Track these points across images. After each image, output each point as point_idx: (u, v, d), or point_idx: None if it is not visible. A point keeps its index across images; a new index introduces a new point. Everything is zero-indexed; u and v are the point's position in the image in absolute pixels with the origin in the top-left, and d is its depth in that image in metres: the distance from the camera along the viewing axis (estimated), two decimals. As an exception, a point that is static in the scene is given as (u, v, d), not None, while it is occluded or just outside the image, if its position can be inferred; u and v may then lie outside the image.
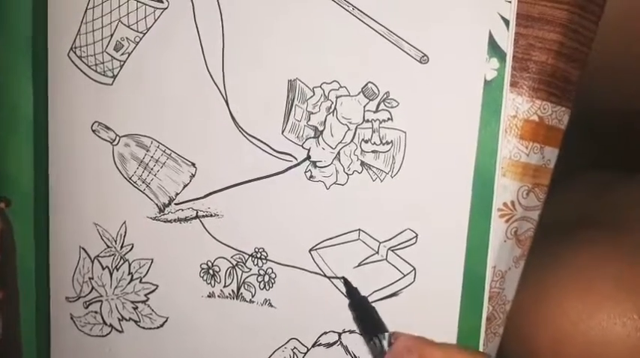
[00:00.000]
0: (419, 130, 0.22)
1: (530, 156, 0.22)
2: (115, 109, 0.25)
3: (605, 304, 0.24)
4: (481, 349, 0.22)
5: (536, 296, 0.26)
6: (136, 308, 0.26)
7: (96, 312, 0.26)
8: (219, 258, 0.24)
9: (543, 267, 0.26)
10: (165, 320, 0.25)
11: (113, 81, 0.24)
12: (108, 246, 0.26)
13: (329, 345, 0.24)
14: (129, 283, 0.26)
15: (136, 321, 0.26)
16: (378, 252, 0.23)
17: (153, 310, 0.25)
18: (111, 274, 0.26)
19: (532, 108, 0.21)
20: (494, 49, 0.21)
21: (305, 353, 0.24)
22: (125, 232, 0.25)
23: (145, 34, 0.24)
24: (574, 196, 0.31)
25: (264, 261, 0.24)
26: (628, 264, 0.24)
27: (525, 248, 0.23)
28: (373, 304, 0.23)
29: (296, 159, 0.23)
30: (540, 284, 0.26)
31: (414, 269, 0.22)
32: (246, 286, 0.24)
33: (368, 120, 0.22)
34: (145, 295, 0.25)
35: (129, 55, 0.24)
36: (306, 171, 0.23)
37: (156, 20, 0.24)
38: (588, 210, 0.29)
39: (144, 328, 0.26)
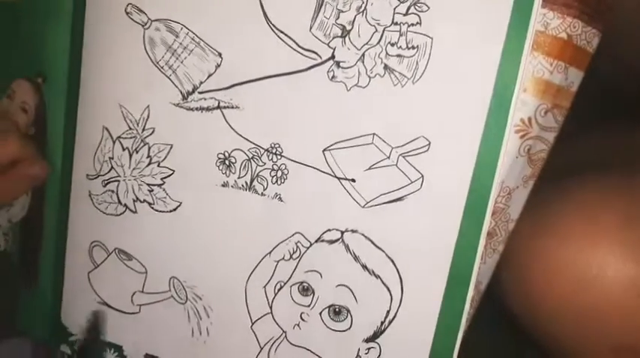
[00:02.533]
0: (446, 37, 0.23)
1: (554, 74, 0.23)
2: (150, -8, 0.26)
3: (605, 234, 0.25)
4: (478, 263, 0.24)
5: (537, 225, 0.26)
6: (151, 191, 0.28)
7: (112, 191, 0.29)
8: (236, 149, 0.26)
9: (548, 200, 0.27)
10: (179, 205, 0.28)
11: (150, -37, 0.26)
12: (130, 128, 0.28)
13: (331, 242, 0.26)
14: (147, 166, 0.28)
15: (150, 203, 0.28)
16: (389, 157, 0.24)
17: (167, 194, 0.28)
18: (130, 155, 0.28)
19: (562, 24, 0.22)
20: (530, -41, 0.21)
21: (308, 248, 0.26)
22: (148, 116, 0.27)
23: None
24: (588, 142, 0.32)
25: (278, 157, 0.26)
26: (628, 202, 0.25)
27: (536, 169, 0.24)
28: (378, 207, 0.25)
29: (320, 57, 0.25)
30: (543, 215, 0.26)
31: (422, 176, 0.24)
32: (259, 179, 0.26)
33: (396, 23, 0.24)
34: (162, 179, 0.28)
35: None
36: (329, 71, 0.25)
37: None
38: (601, 153, 0.30)
39: (157, 211, 0.28)
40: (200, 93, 0.27)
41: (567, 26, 0.22)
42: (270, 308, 0.27)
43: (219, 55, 0.26)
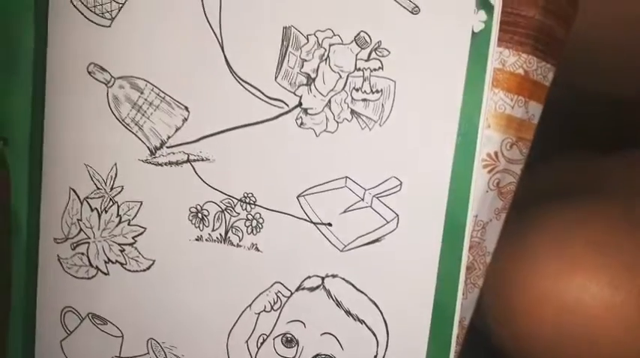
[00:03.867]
0: (408, 80, 0.25)
1: (515, 109, 0.24)
2: (112, 51, 0.27)
3: (579, 263, 0.26)
4: (460, 298, 0.25)
5: (513, 258, 0.28)
6: (122, 251, 0.28)
7: (83, 254, 0.29)
8: (209, 202, 0.27)
9: (520, 232, 0.28)
10: (152, 263, 0.28)
11: (111, 23, 0.27)
12: (98, 188, 0.28)
13: (312, 289, 0.26)
14: (117, 225, 0.28)
15: (122, 264, 0.28)
16: (363, 199, 0.26)
17: (140, 253, 0.28)
18: (99, 216, 0.28)
19: (518, 61, 0.24)
20: (482, 1, 0.23)
21: (288, 297, 0.27)
22: (116, 174, 0.28)
23: (144, -23, 0.26)
24: (552, 172, 0.34)
25: (252, 206, 0.27)
26: (601, 227, 0.27)
27: (507, 201, 0.25)
28: (356, 250, 0.26)
29: (288, 105, 0.26)
30: (517, 248, 0.28)
31: (397, 216, 0.25)
32: (234, 230, 0.27)
33: (359, 69, 0.25)
34: (133, 237, 0.28)
35: (128, -2, 0.27)
36: (297, 118, 0.26)
37: (156, -36, 0.26)
38: (565, 182, 0.32)
39: (130, 271, 0.28)
40: (168, 147, 0.27)
41: (523, 62, 0.24)
42: (254, 362, 0.28)
43: (186, 108, 0.27)
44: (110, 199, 0.28)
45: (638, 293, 0.25)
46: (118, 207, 0.28)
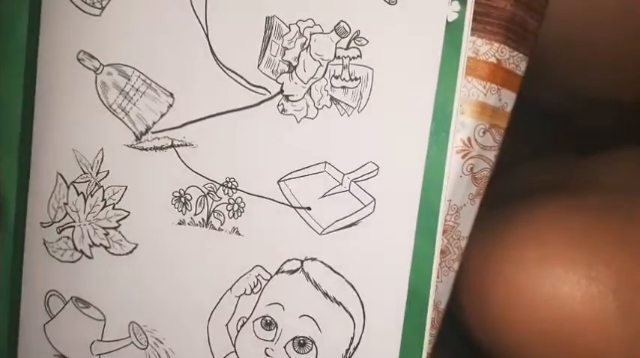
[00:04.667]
0: (385, 68, 0.26)
1: (488, 96, 0.26)
2: (101, 39, 0.29)
3: (556, 256, 0.27)
4: (434, 280, 0.26)
5: (490, 253, 0.29)
6: (107, 235, 0.29)
7: (68, 238, 0.30)
8: (192, 186, 0.28)
9: (499, 227, 0.30)
10: (135, 247, 0.29)
11: (101, 12, 0.29)
12: (84, 172, 0.29)
13: (291, 272, 0.28)
14: (102, 209, 0.29)
15: (106, 247, 0.30)
16: (341, 184, 0.27)
17: (123, 236, 0.29)
18: (85, 200, 0.30)
19: (490, 50, 0.25)
20: (456, -8, 0.25)
21: (268, 280, 0.28)
22: (102, 159, 0.29)
23: (133, -32, 0.28)
24: (531, 170, 0.35)
25: (234, 191, 0.28)
26: (578, 222, 0.28)
27: (481, 187, 0.27)
28: (334, 233, 0.27)
29: (270, 92, 0.27)
30: (496, 241, 0.29)
31: (374, 199, 0.26)
32: (215, 214, 0.28)
33: (339, 57, 0.26)
34: (117, 221, 0.29)
35: (117, -13, 0.28)
36: (278, 105, 0.27)
37: (145, -45, 0.28)
38: (544, 180, 0.33)
39: (113, 254, 0.29)
40: (153, 133, 0.29)
41: (496, 51, 0.26)
42: (234, 346, 0.29)
43: (171, 95, 0.28)
44: (96, 183, 0.29)
45: (615, 285, 0.26)
46: (104, 191, 0.29)
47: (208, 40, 0.28)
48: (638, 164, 0.32)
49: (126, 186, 0.29)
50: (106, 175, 0.29)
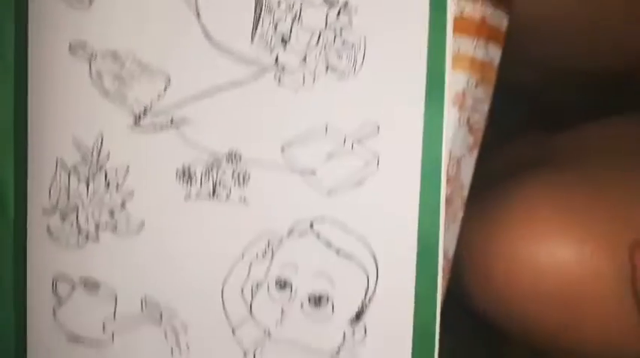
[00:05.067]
0: (376, 31, 0.27)
1: (477, 51, 0.28)
2: (92, 27, 0.29)
3: (548, 226, 0.30)
4: (442, 229, 0.28)
5: (487, 229, 0.31)
6: (112, 216, 0.30)
7: (72, 222, 0.30)
8: (195, 161, 0.29)
9: (493, 204, 0.32)
10: (142, 225, 0.30)
11: (90, 3, 0.29)
12: (85, 157, 0.30)
13: (302, 234, 0.29)
14: (105, 191, 0.30)
15: (112, 228, 0.30)
16: (344, 145, 0.28)
17: (129, 216, 0.30)
18: (87, 183, 0.30)
19: (474, 7, 0.27)
20: (440, -46, 0.27)
21: (279, 244, 0.29)
22: (102, 142, 0.30)
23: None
24: (515, 150, 0.38)
25: (238, 161, 0.29)
26: (563, 193, 0.30)
27: (477, 137, 0.29)
28: (341, 193, 0.28)
29: (265, 66, 0.28)
30: (491, 219, 0.31)
31: (377, 157, 0.28)
32: (221, 186, 0.29)
33: (330, 26, 0.28)
34: (122, 201, 0.30)
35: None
36: (275, 77, 0.28)
37: None
38: (527, 159, 0.36)
39: (120, 234, 0.30)
40: (152, 114, 0.29)
41: (479, 9, 0.28)
42: (250, 311, 0.30)
43: (167, 75, 0.29)
44: (98, 166, 0.30)
45: (605, 244, 0.29)
46: (106, 173, 0.30)
47: (199, 18, 0.29)
48: (607, 135, 0.35)
49: (128, 167, 0.30)
50: (107, 157, 0.30)
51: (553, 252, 0.29)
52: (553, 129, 0.38)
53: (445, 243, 0.29)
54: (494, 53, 0.28)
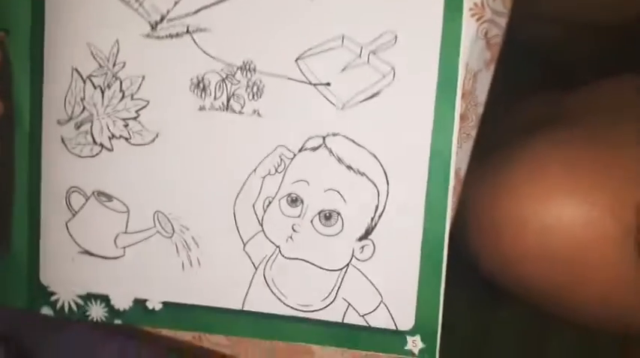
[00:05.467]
0: (398, -64, 0.27)
1: (498, -39, 0.27)
2: None
3: (555, 186, 0.29)
4: (455, 145, 0.28)
5: (495, 189, 0.31)
6: (126, 126, 0.30)
7: (87, 132, 0.31)
8: (210, 71, 0.29)
9: (500, 165, 0.32)
10: (156, 136, 0.30)
11: None
12: (100, 66, 0.30)
13: (314, 149, 0.29)
14: (120, 101, 0.30)
15: (126, 138, 0.30)
16: (360, 56, 0.28)
17: (143, 126, 0.30)
18: (102, 93, 0.30)
19: None
20: None
21: (292, 159, 0.29)
22: (118, 50, 0.30)
23: None
24: (532, 108, 0.37)
25: (252, 73, 0.29)
26: (570, 152, 0.30)
27: (494, 53, 0.28)
28: (355, 106, 0.28)
29: (283, -29, 0.28)
30: (500, 177, 0.31)
31: (393, 68, 0.28)
32: (235, 98, 0.29)
33: None
34: (136, 111, 0.30)
35: None
36: (292, -17, 0.28)
37: None
38: (541, 116, 0.35)
39: (134, 144, 0.30)
40: (168, 21, 0.29)
41: None
42: (261, 225, 0.30)
43: (185, -19, 0.29)
44: (113, 75, 0.30)
45: (610, 206, 0.28)
46: (121, 82, 0.30)
47: None
48: (619, 94, 0.34)
49: (143, 76, 0.30)
50: (123, 66, 0.30)
51: (559, 212, 0.29)
52: (567, 87, 0.37)
53: (457, 160, 0.29)
54: (517, -34, 0.28)
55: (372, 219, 0.29)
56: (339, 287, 0.29)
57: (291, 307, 0.30)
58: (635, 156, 0.28)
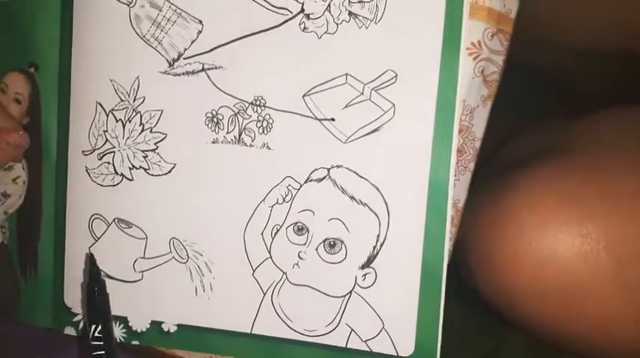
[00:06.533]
0: (398, -20, 0.30)
1: (493, 2, 0.29)
2: (132, -25, 0.33)
3: (551, 218, 0.31)
4: (452, 178, 0.30)
5: (492, 218, 0.32)
6: (145, 157, 0.33)
7: (109, 163, 0.34)
8: (223, 106, 0.32)
9: (499, 194, 0.33)
10: (173, 167, 0.33)
11: (131, -51, 0.32)
12: (122, 100, 0.33)
13: (319, 180, 0.31)
14: (140, 133, 0.33)
15: (145, 169, 0.33)
16: (362, 93, 0.30)
17: (162, 157, 0.33)
18: (124, 125, 0.33)
19: (494, -42, 0.29)
20: None
21: (298, 189, 0.31)
22: (138, 86, 0.33)
23: None
24: (528, 139, 0.39)
25: (262, 108, 0.32)
26: (568, 184, 0.31)
27: (492, 90, 0.30)
28: (358, 140, 0.31)
29: (291, 12, 0.31)
30: (499, 206, 0.32)
31: (394, 105, 0.30)
32: (246, 132, 0.32)
33: (354, -25, 0.30)
34: (155, 144, 0.33)
35: None
36: (300, 24, 0.31)
37: None
38: (542, 146, 0.36)
39: (152, 175, 0.33)
40: (185, 59, 0.32)
41: (499, -41, 0.29)
42: (269, 252, 0.32)
43: (200, 22, 0.32)
44: (133, 109, 0.33)
45: (605, 241, 0.30)
46: (141, 116, 0.33)
47: (233, -32, 0.31)
48: (621, 123, 0.35)
49: (162, 111, 0.33)
50: (143, 101, 0.33)
51: (554, 243, 0.30)
52: (571, 114, 0.39)
53: (455, 192, 0.31)
54: (512, 5, 0.30)
55: (374, 247, 0.31)
56: (342, 313, 0.31)
57: (297, 331, 0.32)
58: (632, 189, 0.30)
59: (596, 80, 0.43)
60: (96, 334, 0.31)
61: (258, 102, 0.32)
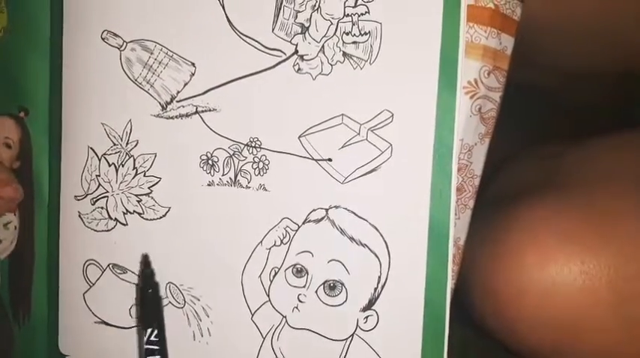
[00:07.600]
0: (392, 20, 0.30)
1: (489, 39, 0.30)
2: (123, 18, 0.33)
3: (552, 255, 0.31)
4: (453, 217, 0.30)
5: (494, 253, 0.33)
6: (139, 201, 0.33)
7: (102, 208, 0.34)
8: (218, 148, 0.32)
9: (499, 230, 0.34)
10: (168, 211, 0.33)
11: (121, -8, 0.33)
12: (114, 144, 0.34)
13: (317, 221, 0.31)
14: (133, 177, 0.33)
15: (139, 213, 0.34)
16: (359, 133, 0.31)
17: (156, 201, 0.33)
18: (117, 170, 0.34)
19: (488, -3, 0.30)
20: (453, -54, 0.29)
21: (296, 231, 0.32)
22: (131, 130, 0.33)
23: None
24: (524, 167, 0.40)
25: (258, 149, 0.32)
26: (567, 220, 0.32)
27: (489, 127, 0.31)
28: (356, 180, 0.31)
29: (285, 54, 0.31)
30: (497, 245, 0.33)
31: (391, 145, 0.30)
32: (242, 173, 0.32)
33: (348, 15, 0.31)
34: (149, 188, 0.33)
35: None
36: (294, 65, 0.31)
37: None
38: (539, 177, 0.37)
39: (147, 219, 0.33)
40: (178, 101, 0.33)
41: (493, -2, 0.30)
42: (268, 295, 0.32)
43: (193, 64, 0.32)
44: (126, 153, 0.33)
45: (606, 277, 0.31)
46: (134, 160, 0.33)
47: (224, 9, 0.32)
48: (617, 156, 0.36)
49: (155, 154, 0.33)
50: (136, 145, 0.33)
51: (556, 281, 0.31)
52: (567, 141, 0.39)
53: (456, 231, 0.31)
54: (507, 42, 0.30)
55: (375, 289, 0.31)
56: (344, 357, 0.32)
57: (299, 376, 0.32)
58: (633, 231, 0.30)
59: (587, 99, 0.44)
60: (152, 338, 0.32)
61: (253, 144, 0.32)
